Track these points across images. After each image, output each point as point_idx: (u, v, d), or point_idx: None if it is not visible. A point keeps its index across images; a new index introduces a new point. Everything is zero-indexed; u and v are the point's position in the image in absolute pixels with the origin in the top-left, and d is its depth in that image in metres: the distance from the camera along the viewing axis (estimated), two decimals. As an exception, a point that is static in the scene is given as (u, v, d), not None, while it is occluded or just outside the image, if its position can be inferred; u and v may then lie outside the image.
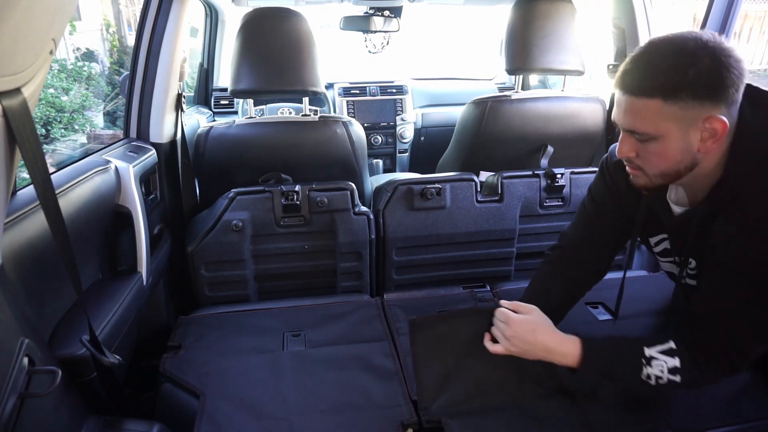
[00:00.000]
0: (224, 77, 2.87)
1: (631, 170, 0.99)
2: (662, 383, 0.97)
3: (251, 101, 1.67)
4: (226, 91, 2.54)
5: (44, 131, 4.17)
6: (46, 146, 4.08)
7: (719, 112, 0.84)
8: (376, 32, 2.45)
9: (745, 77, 0.84)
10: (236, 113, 2.69)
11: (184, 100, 1.62)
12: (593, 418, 1.04)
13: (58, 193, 0.94)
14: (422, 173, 1.93)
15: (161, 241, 1.53)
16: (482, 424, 1.05)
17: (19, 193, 0.95)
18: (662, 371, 0.97)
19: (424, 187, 1.55)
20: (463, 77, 3.13)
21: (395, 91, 2.75)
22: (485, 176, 1.69)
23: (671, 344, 0.98)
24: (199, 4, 2.47)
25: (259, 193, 1.52)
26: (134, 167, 1.32)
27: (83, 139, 4.42)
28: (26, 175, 0.78)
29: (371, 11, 2.39)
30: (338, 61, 4.87)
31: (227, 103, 2.72)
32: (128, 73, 1.56)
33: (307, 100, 1.63)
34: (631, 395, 1.10)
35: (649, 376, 0.98)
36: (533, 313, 1.09)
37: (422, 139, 2.85)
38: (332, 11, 3.07)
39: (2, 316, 0.76)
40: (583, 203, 1.27)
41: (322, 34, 2.11)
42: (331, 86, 2.75)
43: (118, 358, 1.00)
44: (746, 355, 0.95)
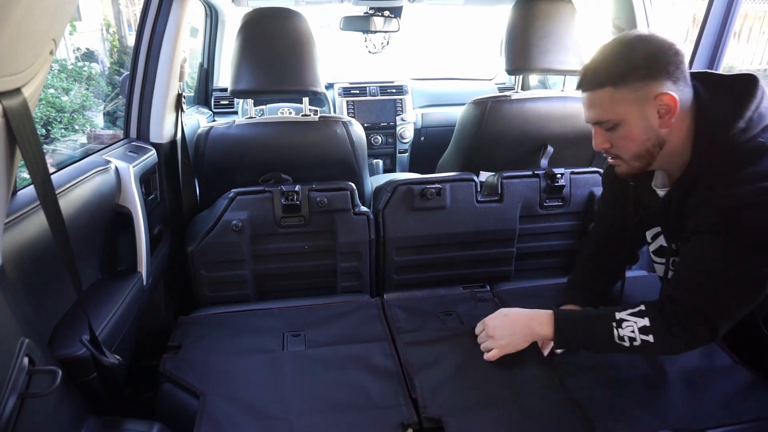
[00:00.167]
0: (224, 77, 2.87)
1: (611, 161, 1.10)
2: (636, 345, 1.03)
3: (251, 101, 1.67)
4: (226, 91, 2.54)
5: (44, 131, 4.18)
6: (46, 146, 4.09)
7: (665, 87, 0.96)
8: (376, 32, 2.46)
9: (681, 58, 0.97)
10: (236, 113, 2.69)
11: (184, 100, 1.63)
12: (593, 417, 1.04)
13: (58, 193, 0.94)
14: (422, 173, 1.93)
15: (161, 241, 1.53)
16: (482, 423, 1.05)
17: (19, 193, 0.95)
18: (633, 332, 1.03)
19: (424, 187, 1.55)
20: (463, 77, 3.13)
21: (395, 91, 2.75)
22: (485, 176, 1.69)
23: (641, 306, 1.05)
24: (199, 4, 2.47)
25: (259, 193, 1.52)
26: (134, 167, 1.32)
27: (83, 139, 4.42)
28: (26, 175, 0.77)
29: (371, 11, 2.39)
30: (338, 61, 4.88)
31: (227, 103, 2.72)
32: (128, 73, 1.56)
33: (307, 100, 1.63)
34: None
35: (621, 337, 1.04)
36: (499, 310, 1.22)
37: (422, 139, 2.85)
38: (332, 11, 3.07)
39: (2, 316, 0.76)
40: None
41: (322, 34, 2.11)
42: (331, 86, 2.75)
43: (118, 358, 1.00)
44: (721, 313, 0.98)
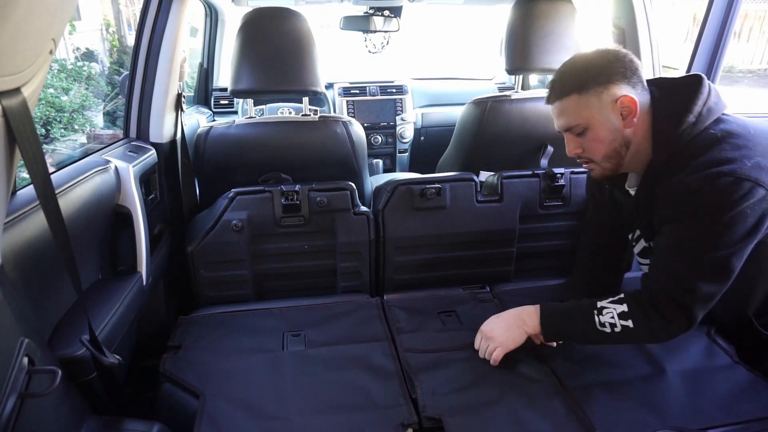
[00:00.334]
0: (224, 77, 2.87)
1: (585, 166, 1.17)
2: (617, 331, 1.08)
3: (251, 101, 1.67)
4: (226, 91, 2.54)
5: (44, 131, 4.17)
6: (46, 146, 4.08)
7: (624, 90, 1.05)
8: (376, 32, 2.45)
9: (636, 65, 1.07)
10: (236, 113, 2.69)
11: (184, 100, 1.62)
12: (593, 417, 1.04)
13: (58, 193, 0.94)
14: (422, 173, 1.93)
15: (161, 241, 1.53)
16: (482, 423, 1.05)
17: (19, 193, 0.95)
18: (613, 317, 1.09)
19: (423, 187, 1.55)
20: (462, 77, 3.13)
21: (395, 91, 2.75)
22: (485, 176, 1.69)
23: (620, 294, 1.11)
24: (199, 4, 2.47)
25: (259, 193, 1.52)
26: (134, 167, 1.32)
27: (83, 138, 4.42)
28: (26, 175, 0.77)
29: (371, 11, 2.39)
30: (338, 61, 4.87)
31: (227, 103, 2.72)
32: (128, 73, 1.56)
33: (307, 100, 1.63)
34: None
35: (603, 324, 1.10)
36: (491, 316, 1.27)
37: (422, 139, 2.85)
38: (332, 11, 3.07)
39: (2, 316, 0.76)
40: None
41: (322, 34, 2.10)
42: (331, 86, 2.75)
43: (118, 358, 1.00)
44: (691, 296, 1.02)
